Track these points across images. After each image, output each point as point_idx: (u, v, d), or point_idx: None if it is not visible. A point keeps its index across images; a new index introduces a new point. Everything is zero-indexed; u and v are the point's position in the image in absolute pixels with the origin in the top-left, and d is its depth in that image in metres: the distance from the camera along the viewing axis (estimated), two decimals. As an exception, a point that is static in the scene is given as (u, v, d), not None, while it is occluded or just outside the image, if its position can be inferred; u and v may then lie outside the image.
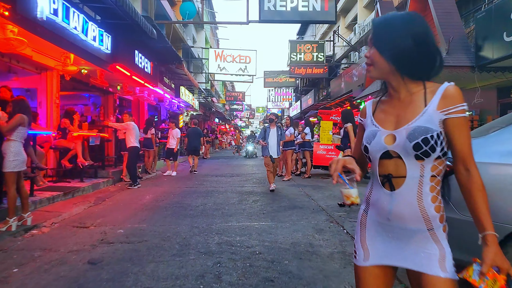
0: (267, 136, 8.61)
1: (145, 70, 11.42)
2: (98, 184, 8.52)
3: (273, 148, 8.62)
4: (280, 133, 8.74)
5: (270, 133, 8.66)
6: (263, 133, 8.76)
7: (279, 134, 8.71)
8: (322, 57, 20.80)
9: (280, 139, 8.80)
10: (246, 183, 9.91)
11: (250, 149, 21.44)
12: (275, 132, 8.70)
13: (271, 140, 8.62)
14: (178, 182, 10.17)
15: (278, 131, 8.72)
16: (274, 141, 8.66)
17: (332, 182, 1.56)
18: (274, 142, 8.66)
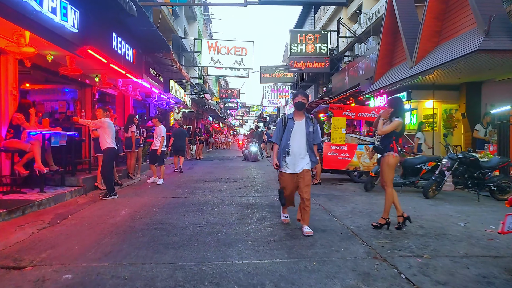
0: (287, 135, 4.93)
1: (126, 57, 9.74)
2: (62, 196, 6.84)
3: (300, 155, 4.88)
4: (312, 130, 4.93)
5: (295, 130, 4.91)
6: (280, 130, 5.07)
7: (309, 131, 4.90)
8: (325, 48, 19.20)
9: (312, 141, 4.96)
10: (245, 192, 8.28)
11: (254, 150, 18.09)
12: (303, 129, 4.92)
13: (296, 142, 4.89)
14: (164, 190, 8.52)
15: (309, 127, 4.93)
16: (301, 144, 4.90)
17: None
18: (302, 145, 4.89)
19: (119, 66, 9.30)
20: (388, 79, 13.44)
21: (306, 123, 4.94)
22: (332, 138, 9.68)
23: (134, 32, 9.97)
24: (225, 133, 39.76)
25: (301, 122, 4.95)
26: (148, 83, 13.47)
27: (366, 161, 9.64)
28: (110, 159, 7.49)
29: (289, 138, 4.91)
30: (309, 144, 4.91)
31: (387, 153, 5.01)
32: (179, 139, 13.04)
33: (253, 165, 15.47)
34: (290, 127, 4.93)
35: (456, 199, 7.27)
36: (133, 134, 10.28)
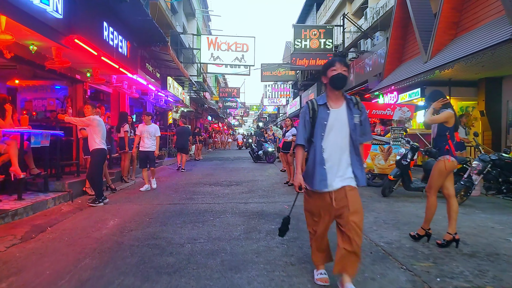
0: (319, 132, 3.01)
1: (119, 50, 8.93)
2: (43, 203, 6.02)
3: (340, 162, 2.99)
4: (359, 121, 3.00)
5: (331, 123, 2.99)
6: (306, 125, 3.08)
7: (355, 123, 2.97)
8: (330, 44, 18.41)
9: (359, 138, 3.05)
10: (250, 197, 7.47)
11: (271, 150, 16.08)
12: (344, 120, 3.00)
13: (334, 141, 3.00)
14: (160, 195, 7.71)
15: (353, 116, 2.98)
16: (341, 144, 3.01)
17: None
18: (344, 146, 3.01)
19: (111, 60, 8.49)
20: (399, 75, 12.66)
21: (349, 111, 2.96)
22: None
23: (127, 23, 9.16)
24: (225, 133, 38.96)
25: (340, 110, 2.96)
26: (144, 80, 12.67)
27: (381, 163, 8.85)
28: (99, 161, 6.68)
29: (322, 137, 2.96)
30: (353, 144, 2.97)
31: (441, 157, 4.21)
32: (182, 138, 13.26)
33: (255, 167, 14.67)
34: (323, 119, 2.96)
35: (487, 207, 6.48)
36: (126, 134, 9.47)
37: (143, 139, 8.41)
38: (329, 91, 3.05)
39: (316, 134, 3.01)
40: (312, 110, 3.04)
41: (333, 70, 2.96)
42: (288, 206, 6.45)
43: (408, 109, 8.93)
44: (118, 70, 9.56)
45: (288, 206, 6.39)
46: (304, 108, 3.11)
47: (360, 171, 2.99)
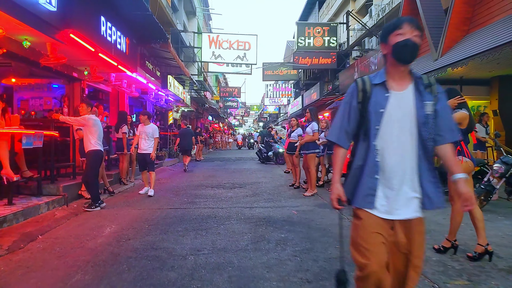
0: (372, 125, 2.04)
1: (117, 46, 8.54)
2: (35, 208, 5.63)
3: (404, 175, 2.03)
4: (432, 111, 2.02)
5: (389, 111, 2.03)
6: (351, 112, 2.13)
7: (425, 115, 2.01)
8: (334, 42, 18.01)
9: (437, 138, 2.07)
10: (255, 201, 7.08)
11: (281, 150, 14.79)
12: (410, 107, 2.03)
13: (395, 141, 2.03)
14: (160, 199, 7.32)
15: (424, 104, 2.03)
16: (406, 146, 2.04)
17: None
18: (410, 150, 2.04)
19: (109, 56, 8.11)
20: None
21: (418, 96, 2.04)
22: (352, 138, 8.48)
23: (126, 18, 8.77)
24: (226, 133, 38.58)
25: (404, 94, 2.06)
26: (144, 78, 12.28)
27: (391, 164, 8.44)
28: (95, 163, 6.29)
29: (376, 132, 2.03)
30: (423, 145, 2.03)
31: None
32: (185, 139, 13.40)
33: (258, 168, 14.27)
34: (379, 105, 2.04)
35: (509, 212, 6.08)
36: (124, 135, 9.08)
37: (140, 140, 7.86)
38: (391, 65, 2.06)
39: (366, 127, 2.03)
40: (363, 92, 2.06)
41: (398, 35, 1.99)
42: (296, 211, 6.07)
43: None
44: (117, 68, 9.19)
45: (297, 211, 6.01)
46: (351, 89, 2.14)
47: (433, 188, 2.02)
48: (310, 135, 7.49)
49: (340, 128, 2.16)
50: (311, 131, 7.48)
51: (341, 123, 2.16)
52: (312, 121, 7.56)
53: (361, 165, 2.07)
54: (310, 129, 7.49)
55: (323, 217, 5.68)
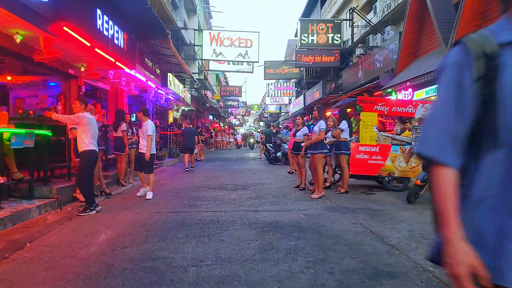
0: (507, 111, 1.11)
1: (114, 42, 8.17)
2: (26, 212, 5.25)
3: None
4: None
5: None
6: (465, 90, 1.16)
7: None
8: (338, 39, 17.62)
9: None
10: (260, 204, 6.69)
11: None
12: None
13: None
14: (160, 202, 6.94)
15: None
16: None
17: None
18: None
19: (106, 52, 7.73)
20: (415, 70, 11.87)
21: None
22: (361, 137, 8.11)
23: (124, 12, 8.39)
24: (226, 132, 38.21)
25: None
26: (143, 76, 11.90)
27: (402, 165, 8.08)
28: (89, 164, 5.91)
29: None
30: None
31: None
32: (188, 139, 13.43)
33: (261, 168, 13.90)
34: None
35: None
36: (124, 133, 8.72)
37: (140, 138, 7.48)
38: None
39: (495, 123, 1.13)
40: (485, 59, 1.16)
41: None
42: (304, 215, 5.69)
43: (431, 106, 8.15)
44: (115, 64, 8.80)
45: (305, 216, 5.63)
46: (456, 57, 1.22)
47: None
48: (317, 134, 7.11)
49: (442, 131, 1.18)
50: (318, 130, 7.10)
51: (443, 121, 1.19)
52: (320, 120, 7.18)
53: (491, 198, 1.14)
54: (317, 128, 7.12)
55: (334, 222, 5.30)
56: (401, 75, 13.10)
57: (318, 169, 7.11)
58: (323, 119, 7.23)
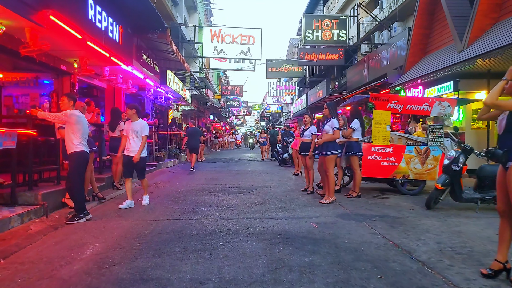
0: None
1: (109, 35, 7.61)
2: (5, 222, 4.70)
3: None
4: None
5: None
6: None
7: None
8: (344, 36, 17.04)
9: None
10: (266, 210, 6.13)
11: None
12: None
13: None
14: (156, 208, 6.38)
15: None
16: None
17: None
18: None
19: (99, 46, 7.19)
20: (426, 67, 11.31)
21: None
22: (374, 137, 7.54)
23: (119, 3, 7.85)
24: (227, 132, 37.65)
25: None
26: (141, 73, 11.35)
27: (417, 167, 7.51)
28: (78, 167, 5.35)
29: None
30: None
31: None
32: (193, 139, 13.63)
33: (264, 170, 13.33)
34: None
35: None
36: (122, 133, 8.16)
37: (128, 140, 6.47)
38: None
39: None
40: None
41: None
42: (316, 224, 5.13)
43: (448, 104, 7.59)
44: (110, 60, 8.26)
45: (317, 224, 5.07)
46: None
47: None
48: (329, 133, 6.54)
49: None
50: (330, 129, 6.53)
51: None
52: (331, 118, 6.61)
53: None
54: (329, 127, 6.55)
55: (350, 232, 4.73)
56: (410, 72, 12.54)
57: (329, 172, 6.54)
58: (335, 117, 6.66)
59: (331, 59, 20.35)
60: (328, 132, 6.57)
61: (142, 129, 6.42)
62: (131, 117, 6.52)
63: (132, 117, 6.51)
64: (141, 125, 6.46)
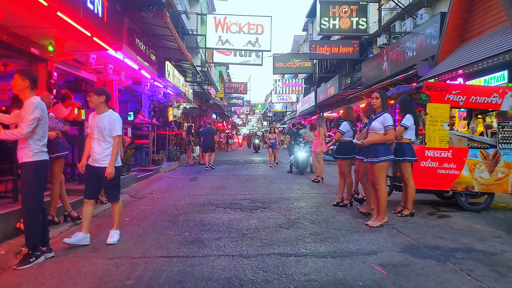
0: None
1: (88, 6, 5.94)
2: None
3: None
4: None
5: None
6: None
7: None
8: (364, 24, 15.35)
9: None
10: (297, 238, 4.46)
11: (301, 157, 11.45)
12: None
13: None
14: (148, 233, 4.72)
15: None
16: None
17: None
18: None
19: (76, 20, 5.54)
20: (468, 55, 9.65)
21: None
22: (428, 138, 5.88)
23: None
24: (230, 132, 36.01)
25: None
26: (134, 62, 9.69)
27: (483, 175, 5.86)
28: (35, 182, 3.68)
29: None
30: None
31: None
32: (208, 138, 13.79)
33: (276, 174, 11.67)
34: None
35: None
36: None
37: (92, 141, 4.32)
38: None
39: None
40: None
41: None
42: (380, 266, 3.46)
43: (525, 95, 5.92)
44: (93, 42, 6.64)
45: (381, 267, 3.41)
46: None
47: None
48: (379, 133, 4.88)
49: None
50: (381, 127, 4.88)
51: None
52: (383, 112, 4.94)
53: None
54: (379, 124, 4.89)
55: (440, 283, 3.07)
56: (445, 62, 10.89)
57: (380, 184, 4.87)
58: (388, 111, 4.99)
59: (345, 52, 18.71)
60: (377, 131, 4.91)
61: (113, 125, 4.25)
62: (97, 107, 4.30)
63: (98, 107, 4.29)
64: (111, 119, 4.27)
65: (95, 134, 4.26)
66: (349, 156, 6.31)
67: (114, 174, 4.20)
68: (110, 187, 4.37)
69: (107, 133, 4.24)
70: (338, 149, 6.45)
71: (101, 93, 4.33)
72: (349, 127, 6.44)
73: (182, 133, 17.79)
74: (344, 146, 6.35)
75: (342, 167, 6.37)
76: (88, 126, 4.41)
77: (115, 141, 4.26)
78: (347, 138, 6.36)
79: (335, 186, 8.63)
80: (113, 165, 4.20)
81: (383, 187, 4.89)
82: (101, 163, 4.21)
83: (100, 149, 4.23)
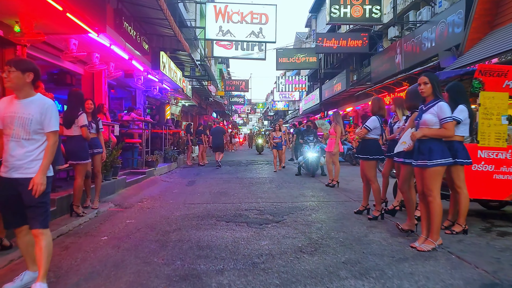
0: None
1: (56, -29, 4.77)
2: None
3: None
4: None
5: None
6: None
7: None
8: (378, 12, 14.18)
9: None
10: (327, 269, 3.28)
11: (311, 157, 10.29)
12: None
13: None
14: (126, 260, 3.54)
15: None
16: None
17: None
18: None
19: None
20: (502, 42, 8.49)
21: None
22: (482, 135, 4.71)
23: None
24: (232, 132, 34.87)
25: None
26: (123, 50, 8.51)
27: (551, 183, 4.67)
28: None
29: None
30: None
31: None
32: (218, 138, 13.95)
33: (283, 177, 10.49)
34: None
35: None
36: (84, 130, 5.36)
37: (8, 140, 2.83)
38: None
39: None
40: None
41: None
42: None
43: None
44: (68, 20, 5.49)
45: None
46: None
47: None
48: (433, 127, 3.72)
49: None
50: (436, 120, 3.71)
51: None
52: (437, 100, 3.76)
53: None
54: (433, 116, 3.71)
55: None
56: (473, 51, 9.72)
57: (433, 194, 3.70)
58: (443, 99, 3.81)
59: (353, 45, 17.59)
60: (430, 124, 3.73)
61: (46, 116, 2.84)
62: (19, 89, 2.83)
63: (22, 89, 2.84)
64: (42, 107, 2.85)
65: (13, 130, 2.82)
66: (374, 157, 5.19)
67: (44, 186, 2.77)
68: (35, 207, 2.79)
69: (35, 128, 2.83)
70: (360, 148, 5.31)
71: (27, 68, 2.82)
72: (378, 124, 5.29)
73: (180, 132, 16.64)
74: (367, 144, 5.21)
75: (365, 170, 5.22)
76: (0, 118, 2.91)
77: (50, 140, 2.87)
78: (373, 136, 5.25)
79: (354, 192, 7.48)
80: (45, 173, 2.80)
81: (437, 199, 3.71)
82: (23, 173, 2.80)
83: (22, 152, 2.81)
